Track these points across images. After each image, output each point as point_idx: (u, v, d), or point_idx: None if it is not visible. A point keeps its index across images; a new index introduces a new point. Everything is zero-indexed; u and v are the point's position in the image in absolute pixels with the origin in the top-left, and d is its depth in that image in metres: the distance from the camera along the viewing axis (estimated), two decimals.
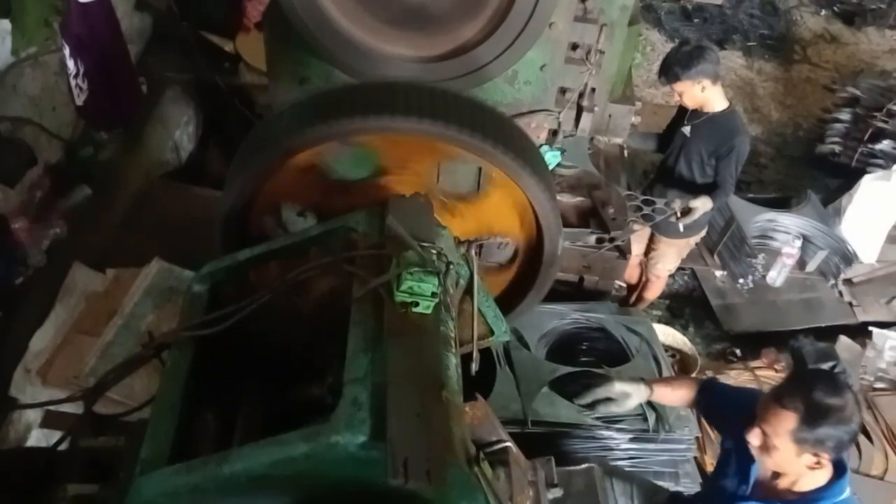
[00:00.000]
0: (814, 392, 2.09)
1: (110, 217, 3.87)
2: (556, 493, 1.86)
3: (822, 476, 2.21)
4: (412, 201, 1.89)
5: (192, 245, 2.46)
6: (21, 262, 3.52)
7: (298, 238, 1.90)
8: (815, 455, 2.12)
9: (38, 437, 2.88)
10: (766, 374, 4.21)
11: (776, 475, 2.28)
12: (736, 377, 4.10)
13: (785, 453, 2.15)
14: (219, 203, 2.06)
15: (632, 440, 2.87)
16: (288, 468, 1.35)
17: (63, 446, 1.77)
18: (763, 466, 2.30)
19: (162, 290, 3.14)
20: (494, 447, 1.64)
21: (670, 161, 4.05)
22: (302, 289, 1.85)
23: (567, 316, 3.40)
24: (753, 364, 4.32)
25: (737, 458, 2.41)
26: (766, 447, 2.18)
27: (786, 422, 2.10)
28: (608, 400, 2.75)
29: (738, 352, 4.61)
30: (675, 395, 2.75)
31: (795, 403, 2.09)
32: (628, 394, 2.72)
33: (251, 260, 1.88)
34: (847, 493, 2.23)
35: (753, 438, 2.20)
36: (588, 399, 2.79)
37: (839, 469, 2.21)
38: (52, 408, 2.58)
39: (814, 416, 2.07)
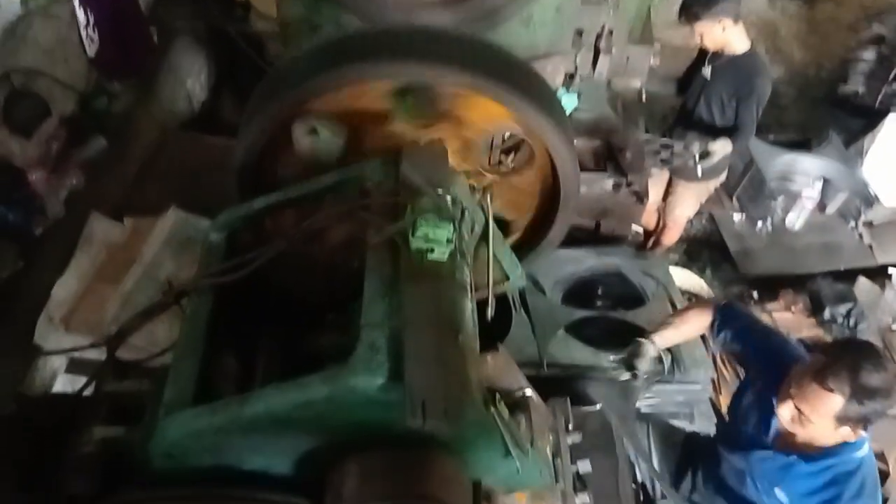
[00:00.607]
0: (861, 373, 1.97)
1: (126, 167, 3.89)
2: (575, 437, 1.88)
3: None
4: (427, 148, 1.87)
5: (207, 194, 2.47)
6: (40, 213, 3.56)
7: (314, 186, 1.89)
8: (853, 428, 2.05)
9: (64, 383, 2.94)
10: (782, 315, 4.23)
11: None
12: None
13: (821, 428, 2.07)
14: (234, 151, 2.05)
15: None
16: (308, 410, 1.37)
17: (88, 392, 1.81)
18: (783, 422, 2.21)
19: (180, 239, 3.16)
20: (515, 395, 1.66)
21: (690, 104, 3.99)
22: (317, 237, 1.86)
23: (583, 261, 3.40)
24: (770, 306, 4.33)
25: (759, 409, 2.33)
26: (799, 421, 2.09)
27: (830, 404, 2.00)
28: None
29: (755, 294, 4.60)
30: (688, 331, 2.67)
31: (841, 386, 1.97)
32: (641, 358, 2.63)
33: (267, 208, 1.88)
34: (866, 448, 2.16)
35: (785, 412, 2.11)
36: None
37: None
38: (76, 355, 2.63)
39: (861, 397, 1.97)
